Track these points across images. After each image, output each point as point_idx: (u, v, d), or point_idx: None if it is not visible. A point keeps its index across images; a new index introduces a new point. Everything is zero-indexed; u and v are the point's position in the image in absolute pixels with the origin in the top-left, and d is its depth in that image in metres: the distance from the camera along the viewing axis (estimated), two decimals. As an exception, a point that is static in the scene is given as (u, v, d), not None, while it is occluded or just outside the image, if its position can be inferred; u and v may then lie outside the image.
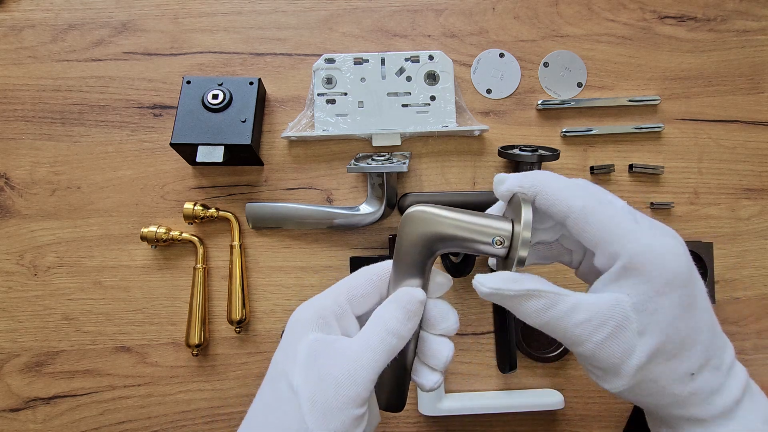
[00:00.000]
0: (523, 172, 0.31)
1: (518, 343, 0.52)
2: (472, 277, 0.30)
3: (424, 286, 0.31)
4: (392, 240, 0.52)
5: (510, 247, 0.30)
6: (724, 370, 0.28)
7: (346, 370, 0.27)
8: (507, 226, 0.30)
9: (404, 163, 0.50)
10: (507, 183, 0.31)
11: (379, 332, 0.29)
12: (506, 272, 0.29)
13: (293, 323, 0.30)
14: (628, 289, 0.28)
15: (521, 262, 0.29)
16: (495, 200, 0.35)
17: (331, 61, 0.55)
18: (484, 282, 0.29)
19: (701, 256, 0.52)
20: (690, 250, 0.45)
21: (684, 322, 0.27)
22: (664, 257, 0.27)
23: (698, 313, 0.28)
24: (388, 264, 0.32)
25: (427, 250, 0.30)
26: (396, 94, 0.55)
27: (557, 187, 0.30)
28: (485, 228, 0.30)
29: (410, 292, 0.30)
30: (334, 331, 0.30)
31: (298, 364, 0.28)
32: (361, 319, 0.31)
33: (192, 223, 0.54)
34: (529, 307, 0.29)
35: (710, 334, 0.28)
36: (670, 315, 0.27)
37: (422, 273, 0.31)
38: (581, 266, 0.34)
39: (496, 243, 0.30)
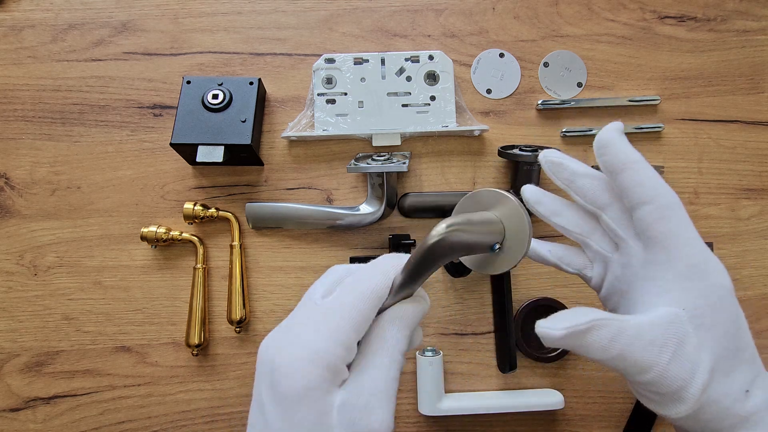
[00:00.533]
0: (618, 142, 0.32)
1: (518, 343, 0.52)
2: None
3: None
4: (392, 240, 0.52)
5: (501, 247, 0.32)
6: None
7: (384, 412, 0.25)
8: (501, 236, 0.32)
9: (404, 163, 0.50)
10: (613, 146, 0.32)
11: (395, 357, 0.27)
12: (563, 312, 0.28)
13: (305, 390, 0.24)
14: (683, 303, 0.28)
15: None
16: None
17: (331, 61, 0.55)
18: (552, 326, 0.27)
19: None
20: None
21: (734, 338, 0.28)
22: (719, 272, 0.28)
23: (743, 331, 0.29)
24: (385, 284, 0.28)
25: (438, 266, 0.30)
26: (396, 94, 0.55)
27: (650, 174, 0.31)
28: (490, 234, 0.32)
29: (415, 310, 0.28)
30: (344, 372, 0.26)
31: None
32: None
33: (192, 223, 0.54)
34: (598, 339, 0.27)
35: (752, 352, 0.29)
36: (724, 329, 0.27)
37: (421, 283, 0.31)
38: (603, 288, 0.34)
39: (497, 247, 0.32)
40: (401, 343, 0.27)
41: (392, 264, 0.28)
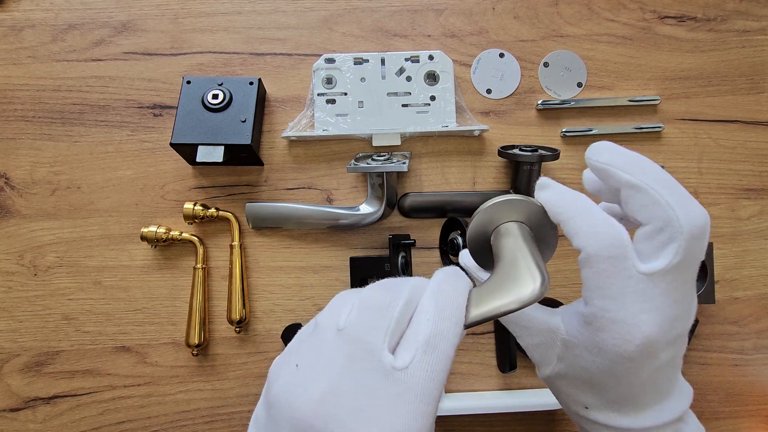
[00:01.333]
0: (549, 204, 0.31)
1: (518, 343, 0.52)
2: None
3: None
4: (392, 240, 0.52)
5: None
6: (630, 421, 0.30)
7: None
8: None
9: (404, 163, 0.50)
10: (548, 207, 0.31)
11: None
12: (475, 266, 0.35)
13: None
14: (572, 329, 0.30)
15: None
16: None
17: (331, 61, 0.55)
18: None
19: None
20: None
21: (600, 377, 0.29)
22: (618, 337, 0.28)
23: (626, 380, 0.29)
24: (461, 334, 0.26)
25: None
26: (396, 94, 0.55)
27: (580, 224, 0.29)
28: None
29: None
30: None
31: None
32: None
33: (192, 223, 0.54)
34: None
35: (632, 397, 0.29)
36: (589, 366, 0.30)
37: None
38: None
39: None
40: None
41: (462, 303, 0.26)
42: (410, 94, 0.55)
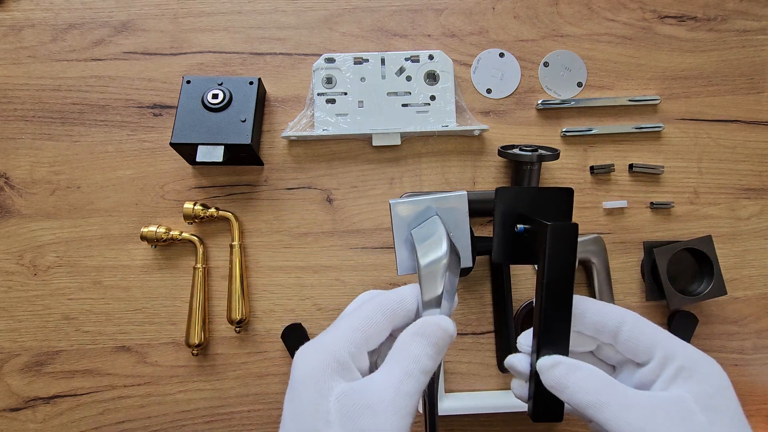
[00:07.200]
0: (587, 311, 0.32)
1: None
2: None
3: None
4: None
5: None
6: None
7: (389, 423, 0.25)
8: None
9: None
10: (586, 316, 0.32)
11: (412, 373, 0.27)
12: (560, 359, 0.31)
13: (309, 372, 0.26)
14: (687, 389, 0.28)
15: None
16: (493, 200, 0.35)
17: (331, 60, 0.55)
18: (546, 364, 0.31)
19: (705, 253, 0.51)
20: (695, 249, 0.46)
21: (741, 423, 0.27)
22: (715, 366, 0.29)
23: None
24: (401, 296, 0.30)
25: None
26: (396, 93, 0.55)
27: (602, 305, 0.32)
28: None
29: (441, 325, 0.28)
30: (354, 373, 0.27)
31: (334, 426, 0.25)
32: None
33: (192, 223, 0.54)
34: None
35: None
36: (735, 411, 0.27)
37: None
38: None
39: None
40: (421, 361, 0.27)
41: (410, 290, 0.30)
42: (410, 93, 0.55)
